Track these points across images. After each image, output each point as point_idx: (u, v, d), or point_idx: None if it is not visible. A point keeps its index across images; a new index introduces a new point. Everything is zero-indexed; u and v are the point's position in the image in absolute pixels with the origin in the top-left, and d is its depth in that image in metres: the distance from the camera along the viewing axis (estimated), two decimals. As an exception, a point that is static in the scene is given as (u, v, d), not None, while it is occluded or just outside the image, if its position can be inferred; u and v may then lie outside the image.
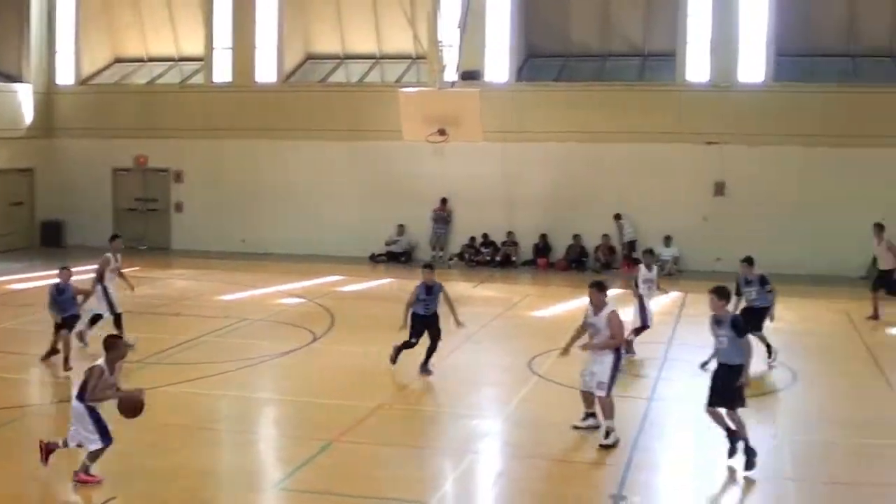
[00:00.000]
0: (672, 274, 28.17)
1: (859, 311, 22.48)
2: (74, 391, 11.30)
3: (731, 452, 11.92)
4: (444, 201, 30.81)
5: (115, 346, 11.31)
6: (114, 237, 19.39)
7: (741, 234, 28.22)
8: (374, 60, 33.19)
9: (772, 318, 17.37)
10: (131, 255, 31.14)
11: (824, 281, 26.40)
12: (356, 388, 15.19)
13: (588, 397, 13.18)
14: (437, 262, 30.67)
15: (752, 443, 11.71)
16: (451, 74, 25.98)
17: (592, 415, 13.21)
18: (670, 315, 21.79)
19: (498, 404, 14.98)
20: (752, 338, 12.82)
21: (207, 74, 33.26)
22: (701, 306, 14.60)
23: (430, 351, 16.00)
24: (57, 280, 16.73)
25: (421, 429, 13.72)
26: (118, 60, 35.57)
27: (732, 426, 11.89)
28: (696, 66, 29.55)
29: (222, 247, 31.38)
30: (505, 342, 19.61)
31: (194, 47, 33.86)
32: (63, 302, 16.51)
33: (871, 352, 18.85)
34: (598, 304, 12.87)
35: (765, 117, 28.54)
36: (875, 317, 21.95)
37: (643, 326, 18.04)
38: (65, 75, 34.41)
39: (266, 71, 32.89)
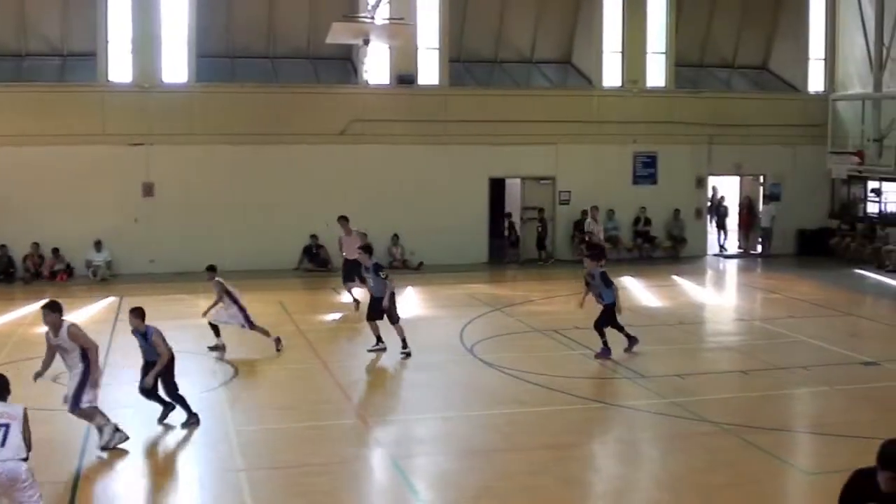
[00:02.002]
0: (105, 279, 27.53)
1: (292, 301, 23.60)
2: None
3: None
4: None
5: None
6: None
7: (174, 233, 28.44)
8: None
9: (388, 305, 17.75)
10: None
11: (259, 275, 27.02)
12: None
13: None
14: None
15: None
16: None
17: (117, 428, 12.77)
18: (106, 322, 21.22)
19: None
20: None
21: None
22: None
23: None
24: None
25: None
26: None
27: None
28: (119, 67, 29.07)
29: None
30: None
31: None
32: None
33: (307, 337, 19.84)
34: (55, 325, 12.35)
35: (190, 118, 28.85)
36: (356, 304, 22.40)
37: None
38: None
39: None
